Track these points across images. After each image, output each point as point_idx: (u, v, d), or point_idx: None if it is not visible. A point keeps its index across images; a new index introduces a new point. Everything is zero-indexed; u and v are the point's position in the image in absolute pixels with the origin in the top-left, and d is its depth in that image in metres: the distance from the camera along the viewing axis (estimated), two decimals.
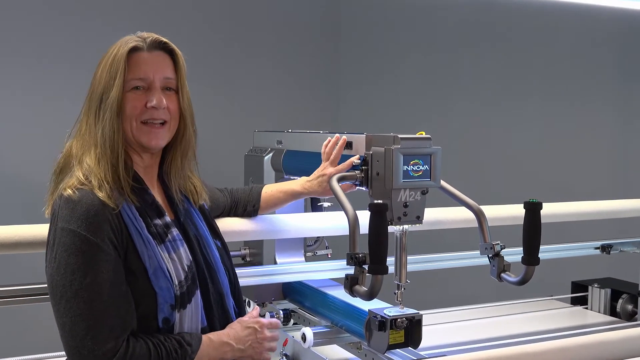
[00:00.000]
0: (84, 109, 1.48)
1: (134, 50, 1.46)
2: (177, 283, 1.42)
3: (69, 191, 1.37)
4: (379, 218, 1.43)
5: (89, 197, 1.36)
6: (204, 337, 1.44)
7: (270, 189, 1.92)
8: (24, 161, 3.81)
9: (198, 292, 1.46)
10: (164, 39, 1.51)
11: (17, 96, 3.86)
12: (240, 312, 1.59)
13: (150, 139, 1.47)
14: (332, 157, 1.79)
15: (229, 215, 1.90)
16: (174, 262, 1.43)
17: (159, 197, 1.52)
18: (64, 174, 1.45)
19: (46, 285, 1.71)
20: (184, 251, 1.46)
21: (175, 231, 1.48)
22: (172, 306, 1.41)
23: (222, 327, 1.50)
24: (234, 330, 1.49)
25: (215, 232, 1.63)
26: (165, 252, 1.43)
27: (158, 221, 1.46)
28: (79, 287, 1.31)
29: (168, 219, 1.48)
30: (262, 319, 1.54)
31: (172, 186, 1.55)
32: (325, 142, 1.82)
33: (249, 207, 1.90)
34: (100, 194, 1.37)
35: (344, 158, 1.76)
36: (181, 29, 4.08)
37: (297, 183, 1.87)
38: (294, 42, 4.72)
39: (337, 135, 1.81)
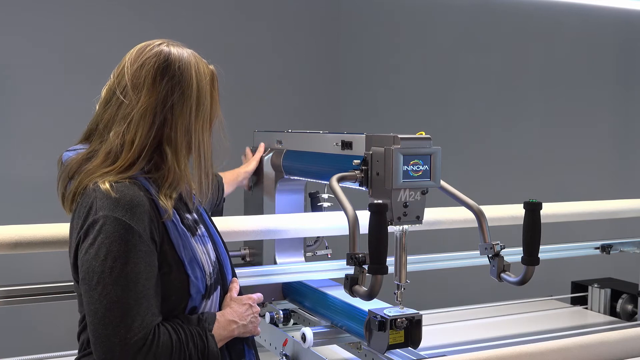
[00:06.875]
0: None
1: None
2: (208, 273, 1.47)
3: (107, 185, 1.36)
4: (379, 218, 1.43)
5: (131, 188, 1.38)
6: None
7: (227, 175, 2.21)
8: (25, 162, 3.81)
9: (219, 286, 1.52)
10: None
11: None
12: None
13: None
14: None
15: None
16: (204, 254, 1.48)
17: None
18: (91, 164, 1.42)
19: (46, 285, 1.71)
20: (210, 246, 1.52)
21: (202, 227, 1.53)
22: (203, 295, 1.45)
23: None
24: (234, 308, 1.53)
25: (217, 232, 1.66)
26: (199, 243, 1.48)
27: (188, 216, 1.50)
28: (118, 275, 1.31)
29: (196, 215, 1.53)
30: (251, 295, 1.58)
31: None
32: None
33: (219, 200, 2.13)
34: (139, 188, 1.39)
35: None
36: (181, 28, 4.08)
37: (249, 165, 2.25)
38: (294, 42, 4.71)
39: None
